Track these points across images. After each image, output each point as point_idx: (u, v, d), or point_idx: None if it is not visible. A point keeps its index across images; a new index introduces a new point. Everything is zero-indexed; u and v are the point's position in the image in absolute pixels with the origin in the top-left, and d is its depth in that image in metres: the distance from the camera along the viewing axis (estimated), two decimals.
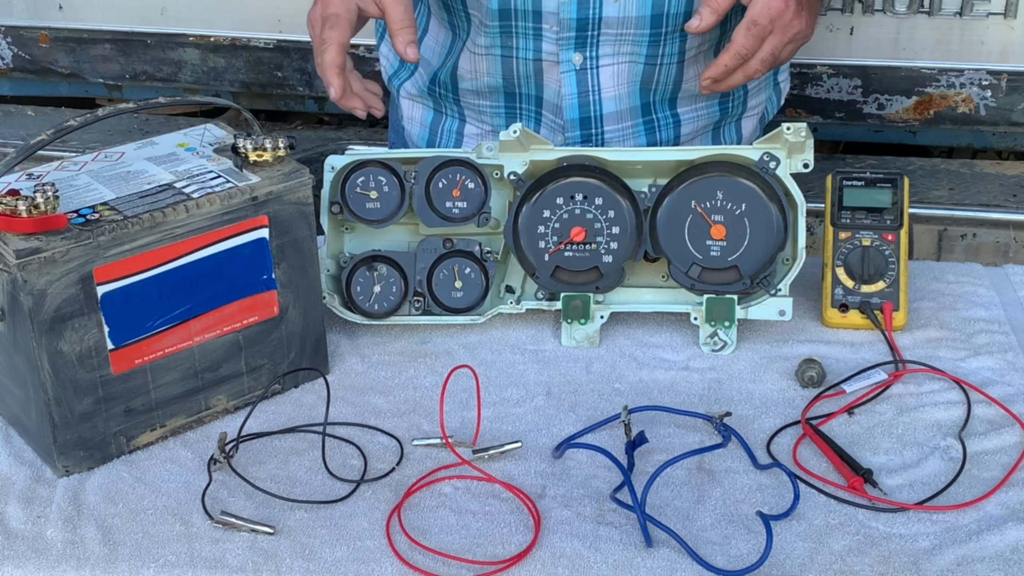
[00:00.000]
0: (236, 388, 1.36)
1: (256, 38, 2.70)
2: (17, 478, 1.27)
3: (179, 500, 1.24)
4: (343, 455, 1.31)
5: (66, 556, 1.17)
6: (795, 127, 1.44)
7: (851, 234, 1.50)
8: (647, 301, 1.53)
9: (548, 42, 1.61)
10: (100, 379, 1.26)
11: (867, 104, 2.46)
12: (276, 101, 2.87)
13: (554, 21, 1.59)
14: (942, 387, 1.39)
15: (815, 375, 1.39)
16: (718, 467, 1.27)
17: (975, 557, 1.15)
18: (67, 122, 1.26)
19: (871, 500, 1.22)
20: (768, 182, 1.46)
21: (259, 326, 1.36)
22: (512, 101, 1.70)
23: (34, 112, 2.86)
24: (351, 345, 1.49)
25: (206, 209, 1.26)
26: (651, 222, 1.48)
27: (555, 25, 1.59)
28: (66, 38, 2.79)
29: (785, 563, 1.14)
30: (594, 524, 1.20)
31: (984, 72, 2.38)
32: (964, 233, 2.32)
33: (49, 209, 1.20)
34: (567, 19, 1.58)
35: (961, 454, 1.28)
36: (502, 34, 1.61)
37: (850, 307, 1.50)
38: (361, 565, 1.15)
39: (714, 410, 1.35)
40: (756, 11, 1.44)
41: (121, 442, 1.30)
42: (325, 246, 1.52)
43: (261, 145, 1.32)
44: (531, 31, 1.60)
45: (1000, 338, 1.48)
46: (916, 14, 2.37)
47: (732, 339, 1.47)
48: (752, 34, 1.45)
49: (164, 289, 1.26)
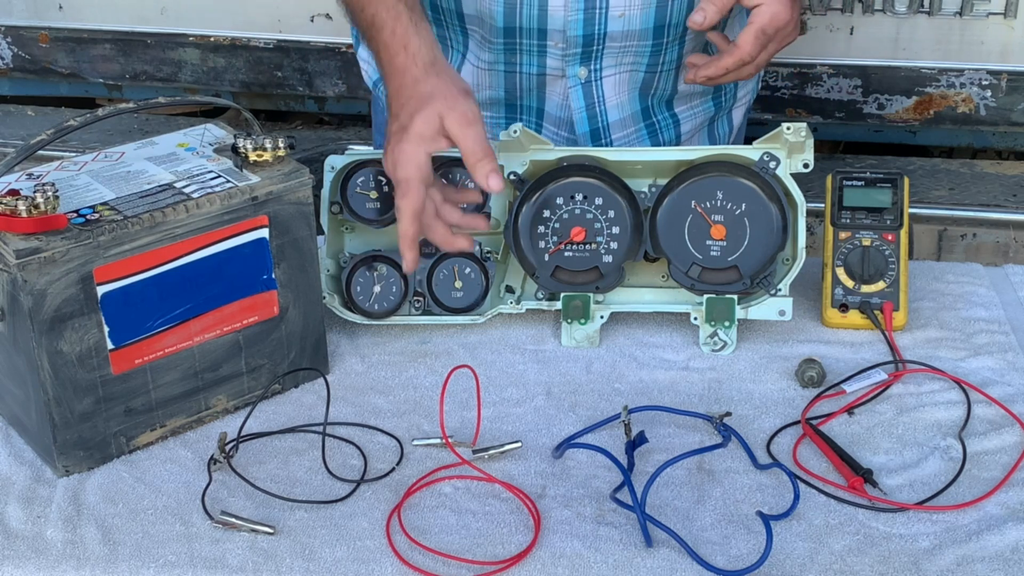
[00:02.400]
0: (236, 388, 1.36)
1: (256, 38, 2.70)
2: (17, 478, 1.27)
3: (179, 500, 1.24)
4: (343, 455, 1.31)
5: (66, 556, 1.17)
6: (795, 127, 1.44)
7: (851, 234, 1.50)
8: (647, 301, 1.53)
9: (553, 58, 1.62)
10: (100, 379, 1.26)
11: (867, 104, 2.46)
12: (276, 101, 2.87)
13: (560, 38, 1.59)
14: (942, 387, 1.39)
15: (815, 375, 1.39)
16: (718, 467, 1.27)
17: (975, 557, 1.15)
18: (67, 122, 1.26)
19: (871, 500, 1.22)
20: (768, 182, 1.46)
21: (259, 326, 1.36)
22: (513, 112, 1.70)
23: (34, 112, 2.86)
24: (351, 345, 1.49)
25: (206, 209, 1.26)
26: (651, 222, 1.48)
27: (560, 42, 1.60)
28: (66, 38, 2.79)
29: (785, 563, 1.14)
30: (594, 524, 1.20)
31: (984, 72, 2.39)
32: (964, 233, 2.32)
33: (49, 209, 1.20)
34: (573, 36, 1.59)
35: (961, 454, 1.28)
36: (506, 51, 1.62)
37: (850, 307, 1.50)
38: (361, 565, 1.15)
39: (714, 410, 1.35)
40: (765, 20, 1.47)
41: (121, 442, 1.30)
42: (325, 246, 1.52)
43: (261, 145, 1.32)
44: (535, 48, 1.61)
45: (1000, 338, 1.48)
46: (916, 14, 2.37)
47: (732, 339, 1.47)
48: (760, 42, 1.48)
49: (164, 289, 1.26)
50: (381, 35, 1.43)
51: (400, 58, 1.41)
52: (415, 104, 1.37)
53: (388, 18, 1.42)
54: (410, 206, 1.37)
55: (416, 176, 1.37)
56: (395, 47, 1.41)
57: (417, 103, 1.37)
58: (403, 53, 1.41)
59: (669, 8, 1.59)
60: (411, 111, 1.37)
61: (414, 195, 1.37)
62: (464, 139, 1.36)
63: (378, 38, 1.43)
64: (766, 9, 1.47)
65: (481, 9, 1.58)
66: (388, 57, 1.42)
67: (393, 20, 1.42)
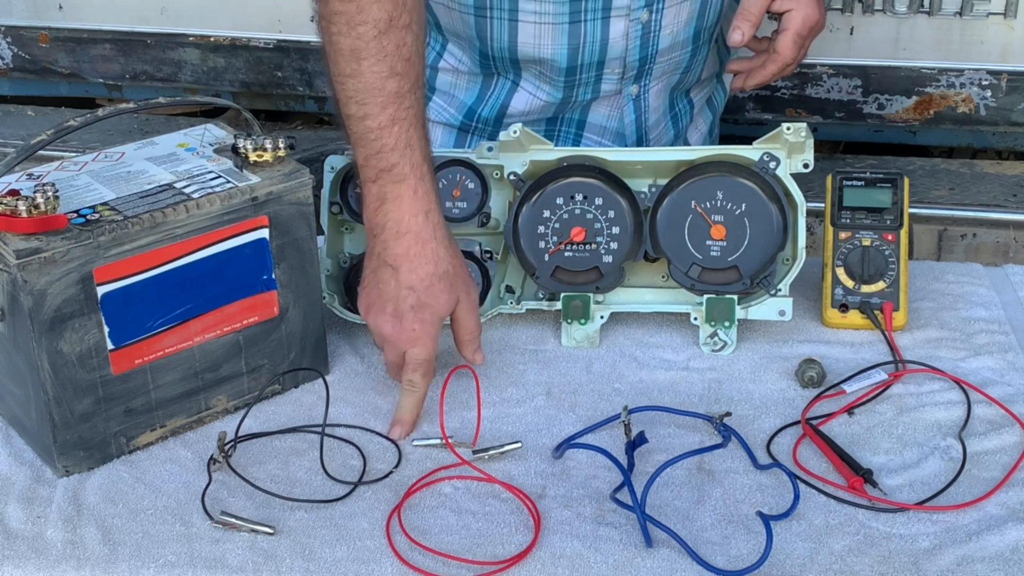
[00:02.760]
0: (236, 388, 1.36)
1: (256, 38, 2.70)
2: (17, 478, 1.27)
3: (179, 500, 1.24)
4: (343, 455, 1.31)
5: (66, 556, 1.17)
6: (795, 127, 1.44)
7: (851, 234, 1.50)
8: (647, 301, 1.53)
9: (608, 83, 1.64)
10: (100, 379, 1.26)
11: (867, 104, 2.46)
12: (276, 101, 2.87)
13: (617, 65, 1.61)
14: (942, 387, 1.39)
15: (815, 375, 1.39)
16: (718, 467, 1.27)
17: (975, 557, 1.15)
18: (67, 122, 1.26)
19: (871, 500, 1.22)
20: (768, 182, 1.46)
21: (259, 326, 1.36)
22: (553, 125, 1.71)
23: (34, 112, 2.86)
24: (351, 345, 1.49)
25: (206, 209, 1.26)
26: (651, 222, 1.48)
27: (618, 68, 1.62)
28: (66, 38, 2.79)
29: (785, 563, 1.14)
30: (594, 524, 1.20)
31: (984, 72, 2.39)
32: (964, 233, 2.32)
33: (49, 209, 1.20)
34: (632, 61, 1.61)
35: (961, 454, 1.28)
36: (566, 87, 1.63)
37: (850, 307, 1.50)
38: (361, 565, 1.15)
39: (714, 410, 1.35)
40: (799, 24, 1.55)
41: (121, 442, 1.30)
42: (325, 246, 1.52)
43: (261, 145, 1.32)
44: (593, 78, 1.63)
45: (1000, 338, 1.48)
46: (916, 14, 2.37)
47: (732, 339, 1.47)
48: (797, 45, 1.56)
49: (164, 289, 1.26)
50: (399, 188, 1.33)
51: (419, 220, 1.34)
52: (439, 284, 1.34)
53: (412, 175, 1.33)
54: (425, 387, 1.34)
55: (434, 357, 1.36)
56: (416, 208, 1.34)
57: (440, 282, 1.34)
58: (423, 218, 1.34)
59: (706, 15, 1.63)
60: (435, 291, 1.34)
61: (430, 377, 1.35)
62: (467, 321, 1.37)
63: (394, 189, 1.33)
64: (797, 14, 1.54)
65: (542, 56, 1.59)
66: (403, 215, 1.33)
67: (416, 180, 1.33)
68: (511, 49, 1.58)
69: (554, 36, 1.56)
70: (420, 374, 1.34)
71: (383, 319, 1.35)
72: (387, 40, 1.30)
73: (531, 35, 1.57)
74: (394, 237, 1.34)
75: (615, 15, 1.55)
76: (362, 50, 1.30)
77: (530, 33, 1.56)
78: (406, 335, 1.34)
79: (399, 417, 1.34)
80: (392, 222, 1.34)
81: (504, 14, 1.56)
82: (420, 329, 1.34)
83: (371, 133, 1.32)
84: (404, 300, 1.33)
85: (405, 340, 1.34)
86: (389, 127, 1.32)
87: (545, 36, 1.56)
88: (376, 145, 1.32)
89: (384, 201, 1.34)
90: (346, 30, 1.30)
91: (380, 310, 1.35)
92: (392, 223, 1.34)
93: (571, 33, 1.56)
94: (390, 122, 1.31)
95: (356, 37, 1.29)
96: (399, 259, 1.34)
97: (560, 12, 1.54)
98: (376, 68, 1.30)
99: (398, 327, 1.34)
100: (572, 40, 1.56)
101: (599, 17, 1.55)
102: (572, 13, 1.54)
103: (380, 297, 1.35)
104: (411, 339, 1.34)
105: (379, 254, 1.35)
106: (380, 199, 1.34)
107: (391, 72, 1.30)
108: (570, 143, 1.70)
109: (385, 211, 1.34)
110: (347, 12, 1.29)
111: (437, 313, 1.35)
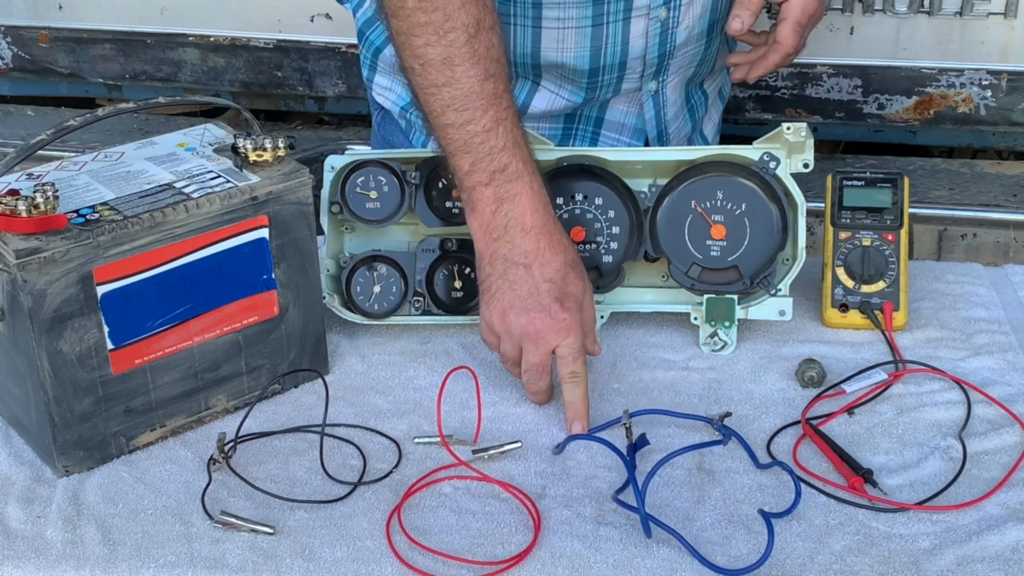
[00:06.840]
0: (236, 388, 1.36)
1: (256, 38, 2.70)
2: (17, 478, 1.27)
3: (179, 500, 1.24)
4: (343, 455, 1.31)
5: (66, 556, 1.17)
6: (795, 127, 1.44)
7: (851, 234, 1.50)
8: (647, 301, 1.53)
9: (629, 81, 1.64)
10: (100, 379, 1.26)
11: (867, 104, 2.46)
12: (276, 101, 2.87)
13: (638, 64, 1.61)
14: (942, 387, 1.39)
15: (815, 375, 1.39)
16: (718, 467, 1.27)
17: (975, 557, 1.15)
18: (67, 122, 1.26)
19: (871, 500, 1.22)
20: (768, 182, 1.46)
21: (259, 326, 1.36)
22: (571, 123, 1.71)
23: (34, 112, 2.86)
24: (351, 345, 1.49)
25: (206, 209, 1.26)
26: (651, 222, 1.48)
27: (639, 67, 1.62)
28: (66, 38, 2.79)
29: (785, 563, 1.14)
30: (594, 524, 1.20)
31: (984, 72, 2.38)
32: (964, 233, 2.32)
33: (49, 209, 1.20)
34: (651, 59, 1.61)
35: (961, 454, 1.28)
36: (588, 88, 1.63)
37: (850, 307, 1.50)
38: (361, 565, 1.15)
39: (714, 410, 1.35)
40: (798, 12, 1.56)
41: (121, 442, 1.30)
42: (325, 246, 1.52)
43: (261, 145, 1.32)
44: (615, 79, 1.63)
45: (1000, 338, 1.48)
46: (916, 14, 2.37)
47: (732, 339, 1.47)
48: (797, 34, 1.57)
49: (164, 289, 1.26)
50: (516, 186, 1.32)
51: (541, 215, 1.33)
52: (573, 272, 1.34)
53: (525, 172, 1.33)
54: (586, 375, 1.34)
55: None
56: (536, 203, 1.33)
57: (573, 270, 1.34)
58: (544, 211, 1.34)
59: (719, 7, 1.63)
60: (571, 279, 1.34)
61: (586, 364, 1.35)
62: (589, 311, 1.37)
63: (511, 188, 1.32)
64: (796, 3, 1.56)
65: (564, 61, 1.58)
66: (525, 212, 1.33)
67: (530, 175, 1.33)
68: (534, 55, 1.58)
69: (576, 40, 1.56)
70: (581, 363, 1.33)
71: (529, 318, 1.33)
72: (478, 43, 1.30)
73: (554, 40, 1.56)
74: (520, 235, 1.33)
75: (635, 15, 1.55)
76: (455, 56, 1.30)
77: (553, 38, 1.56)
78: (558, 327, 1.33)
79: (576, 413, 1.33)
80: (515, 220, 1.33)
81: (527, 21, 1.55)
82: (569, 318, 1.33)
83: (477, 137, 1.31)
84: (547, 294, 1.33)
85: (558, 332, 1.33)
86: (494, 128, 1.32)
87: (568, 40, 1.56)
88: (485, 148, 1.32)
89: (502, 201, 1.33)
90: (435, 40, 1.29)
91: (523, 310, 1.33)
92: (515, 221, 1.33)
93: (593, 36, 1.56)
94: (494, 123, 1.31)
95: (447, 45, 1.29)
96: (529, 256, 1.33)
97: (583, 16, 1.54)
98: (472, 72, 1.30)
99: (548, 321, 1.33)
100: (594, 43, 1.56)
101: (620, 19, 1.55)
102: (595, 16, 1.54)
103: (518, 297, 1.33)
104: (563, 330, 1.33)
105: (505, 256, 1.34)
106: (497, 200, 1.33)
107: (486, 74, 1.31)
108: (587, 141, 1.70)
109: (505, 211, 1.33)
110: (434, 22, 1.29)
111: (577, 300, 1.34)
